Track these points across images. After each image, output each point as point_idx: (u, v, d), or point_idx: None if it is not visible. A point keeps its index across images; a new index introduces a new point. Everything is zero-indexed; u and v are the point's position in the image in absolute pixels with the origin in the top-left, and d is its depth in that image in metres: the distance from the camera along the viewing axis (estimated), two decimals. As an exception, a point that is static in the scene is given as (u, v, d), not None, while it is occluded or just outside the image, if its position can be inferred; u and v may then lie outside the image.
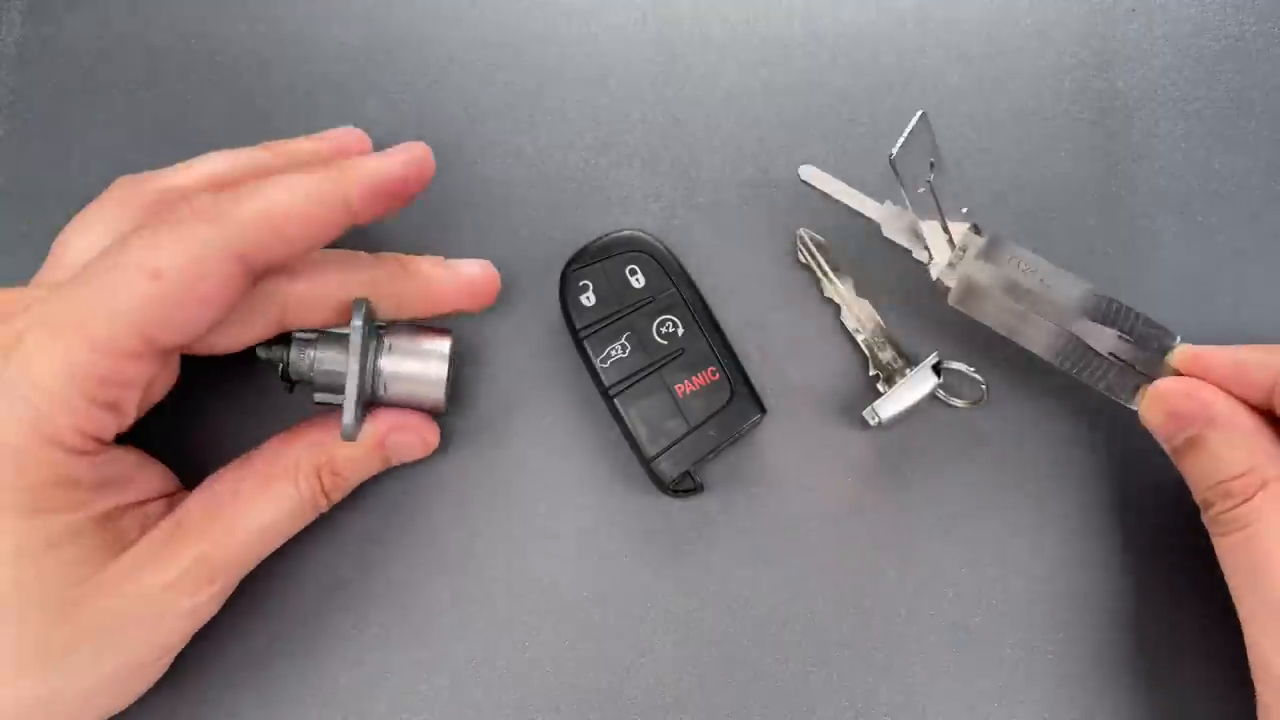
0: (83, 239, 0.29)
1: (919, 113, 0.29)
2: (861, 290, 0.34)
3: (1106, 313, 0.30)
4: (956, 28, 0.36)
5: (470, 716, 0.32)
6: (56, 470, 0.25)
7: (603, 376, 0.32)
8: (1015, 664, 0.32)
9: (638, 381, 0.32)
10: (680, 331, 0.32)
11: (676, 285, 0.33)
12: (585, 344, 0.32)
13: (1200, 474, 0.29)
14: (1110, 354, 0.29)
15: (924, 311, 0.34)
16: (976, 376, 0.33)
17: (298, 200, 0.27)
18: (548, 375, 0.34)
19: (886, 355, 0.33)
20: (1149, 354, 0.29)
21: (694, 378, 0.32)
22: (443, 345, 0.31)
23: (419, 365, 0.30)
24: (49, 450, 0.25)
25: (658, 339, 0.32)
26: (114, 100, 0.37)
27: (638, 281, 0.33)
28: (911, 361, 0.33)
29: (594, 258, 0.33)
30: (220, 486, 0.29)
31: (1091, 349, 0.30)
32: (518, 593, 0.32)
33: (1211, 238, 0.34)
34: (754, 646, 0.32)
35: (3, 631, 0.25)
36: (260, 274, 0.27)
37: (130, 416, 0.27)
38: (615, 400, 0.31)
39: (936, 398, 0.33)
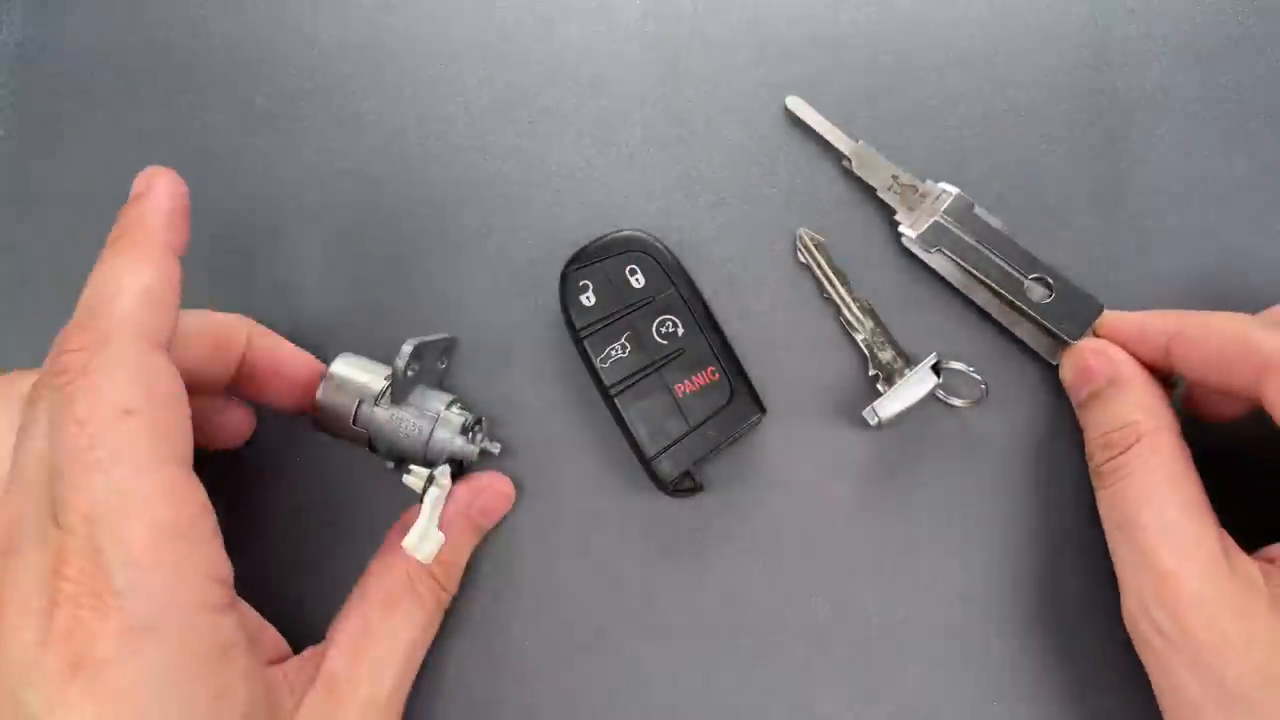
0: None
1: None
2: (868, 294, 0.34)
3: (1041, 279, 0.32)
4: (956, 28, 0.36)
5: (465, 714, 0.32)
6: (217, 635, 0.24)
7: (603, 376, 0.32)
8: (1015, 664, 0.32)
9: (638, 381, 0.32)
10: (680, 331, 0.32)
11: (676, 285, 0.33)
12: (585, 344, 0.32)
13: (1090, 426, 0.30)
14: (1043, 318, 0.32)
15: (923, 310, 0.34)
16: (976, 376, 0.33)
17: None
18: (548, 375, 0.34)
19: (886, 355, 0.33)
20: (1076, 318, 0.32)
21: (694, 377, 0.32)
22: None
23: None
24: (208, 616, 0.23)
25: (657, 339, 0.32)
26: (114, 100, 0.37)
27: (637, 281, 0.33)
28: (911, 361, 0.33)
29: (594, 258, 0.33)
30: (349, 626, 0.29)
31: (1025, 311, 0.32)
32: (515, 591, 0.33)
33: (1211, 238, 0.34)
34: (753, 646, 0.32)
35: None
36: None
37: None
38: (615, 400, 0.31)
39: (936, 398, 0.33)
